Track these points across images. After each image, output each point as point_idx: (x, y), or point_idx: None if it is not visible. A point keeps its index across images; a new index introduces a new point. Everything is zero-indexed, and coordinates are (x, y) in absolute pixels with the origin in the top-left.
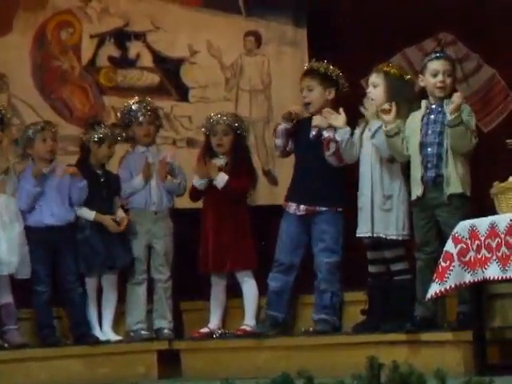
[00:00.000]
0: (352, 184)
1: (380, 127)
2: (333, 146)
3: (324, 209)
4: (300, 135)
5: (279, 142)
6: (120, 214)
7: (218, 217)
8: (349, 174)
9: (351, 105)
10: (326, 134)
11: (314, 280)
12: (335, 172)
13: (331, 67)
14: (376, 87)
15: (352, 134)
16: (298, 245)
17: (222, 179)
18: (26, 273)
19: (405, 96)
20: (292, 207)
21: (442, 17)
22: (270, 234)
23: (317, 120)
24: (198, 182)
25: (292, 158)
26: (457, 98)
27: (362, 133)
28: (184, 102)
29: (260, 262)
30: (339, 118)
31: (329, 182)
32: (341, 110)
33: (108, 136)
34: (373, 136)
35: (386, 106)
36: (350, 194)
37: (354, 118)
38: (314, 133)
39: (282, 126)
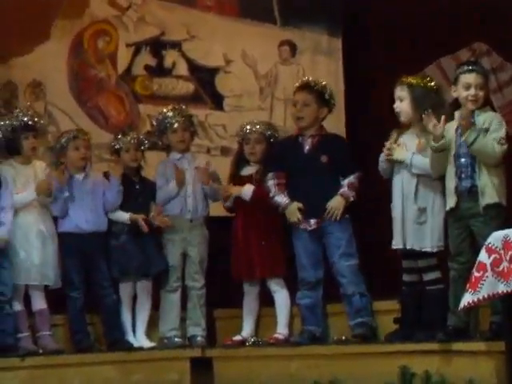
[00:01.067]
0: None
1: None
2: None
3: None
4: (291, 156)
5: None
6: (157, 214)
7: (248, 224)
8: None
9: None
10: None
11: (339, 288)
12: (335, 182)
13: (327, 86)
14: (402, 101)
15: None
16: (318, 259)
17: (247, 191)
18: (58, 282)
19: (432, 105)
20: (302, 224)
21: (477, 26)
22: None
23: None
24: (225, 203)
25: None
26: (460, 120)
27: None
28: (218, 110)
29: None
30: (437, 127)
31: (331, 192)
32: (443, 118)
33: (130, 144)
34: (410, 165)
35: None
36: (382, 206)
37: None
38: (307, 147)
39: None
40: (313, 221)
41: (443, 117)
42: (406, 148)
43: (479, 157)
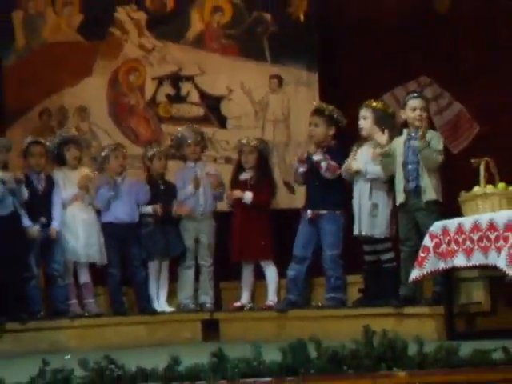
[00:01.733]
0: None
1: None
2: (323, 166)
3: (325, 212)
4: (309, 164)
5: (300, 180)
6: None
7: (244, 218)
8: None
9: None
10: (314, 158)
11: None
12: (333, 184)
13: (336, 109)
14: (365, 119)
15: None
16: (309, 241)
17: (248, 197)
18: (104, 260)
19: (388, 124)
20: (305, 213)
21: (422, 63)
22: (288, 231)
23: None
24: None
25: None
26: (424, 130)
27: (354, 156)
28: (223, 129)
29: (280, 253)
30: (383, 137)
31: (328, 191)
32: (386, 131)
33: (162, 153)
34: (366, 173)
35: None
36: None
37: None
38: (315, 158)
39: (300, 170)
40: (309, 212)
41: (386, 130)
42: (363, 157)
43: (425, 162)
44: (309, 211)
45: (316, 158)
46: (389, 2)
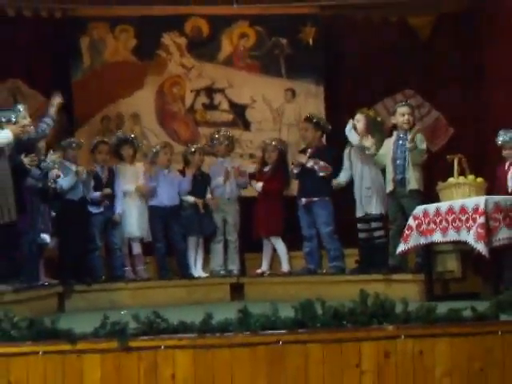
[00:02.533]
0: None
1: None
2: (317, 168)
3: (316, 199)
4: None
5: (294, 177)
6: (209, 198)
7: (263, 203)
8: None
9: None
10: (308, 165)
11: None
12: (321, 179)
13: (322, 118)
14: (358, 122)
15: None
16: (310, 223)
17: (258, 187)
18: (150, 237)
19: (376, 129)
20: (300, 201)
21: (407, 79)
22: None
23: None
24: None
25: None
26: (413, 135)
27: (348, 156)
28: (247, 131)
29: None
30: (368, 141)
31: (318, 184)
32: (369, 136)
33: (196, 151)
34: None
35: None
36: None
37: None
38: (309, 165)
39: (294, 171)
40: (304, 199)
41: (370, 136)
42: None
43: (413, 160)
44: (303, 199)
45: (309, 164)
46: (381, 31)
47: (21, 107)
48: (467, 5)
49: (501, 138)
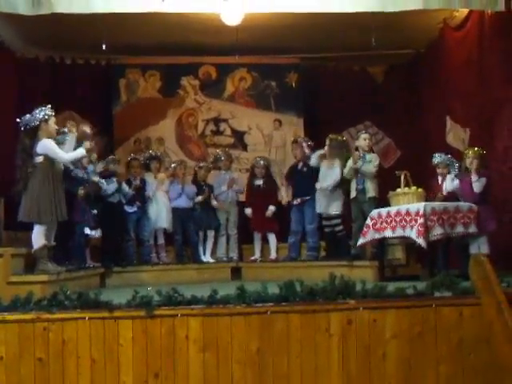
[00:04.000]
0: None
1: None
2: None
3: (307, 198)
4: (295, 171)
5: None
6: (214, 202)
7: (256, 205)
8: None
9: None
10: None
11: None
12: (310, 182)
13: (304, 138)
14: (327, 146)
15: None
16: (299, 220)
17: (248, 212)
18: (171, 228)
19: (342, 150)
20: (295, 201)
21: (366, 113)
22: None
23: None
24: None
25: None
26: (356, 156)
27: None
28: (245, 151)
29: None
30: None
31: (307, 185)
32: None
33: (203, 167)
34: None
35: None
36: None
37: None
38: (299, 167)
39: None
40: (299, 199)
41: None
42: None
43: (364, 173)
44: (298, 199)
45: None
46: (346, 77)
47: (69, 132)
48: (411, 58)
49: (435, 159)
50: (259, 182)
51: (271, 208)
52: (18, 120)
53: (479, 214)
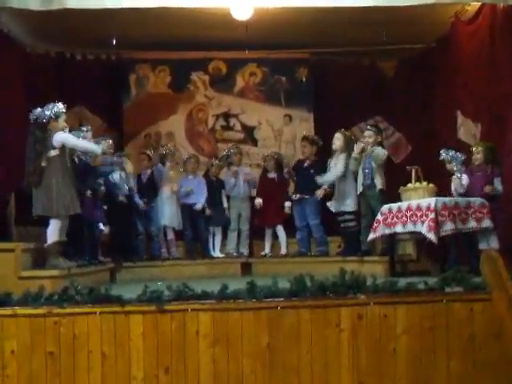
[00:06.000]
0: None
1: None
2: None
3: (307, 196)
4: (299, 167)
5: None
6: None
7: (266, 200)
8: None
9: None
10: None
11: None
12: (312, 180)
13: (315, 136)
14: (338, 140)
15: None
16: (302, 216)
17: (258, 202)
18: (181, 226)
19: (350, 146)
20: (295, 197)
21: (377, 108)
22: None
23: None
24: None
25: None
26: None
27: (328, 164)
28: (255, 147)
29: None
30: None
31: (309, 184)
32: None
33: (215, 163)
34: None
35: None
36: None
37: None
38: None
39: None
40: (298, 195)
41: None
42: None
43: (376, 159)
44: (297, 195)
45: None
46: (356, 71)
47: (86, 128)
48: (422, 53)
49: (441, 156)
50: (272, 175)
51: (287, 204)
52: (29, 113)
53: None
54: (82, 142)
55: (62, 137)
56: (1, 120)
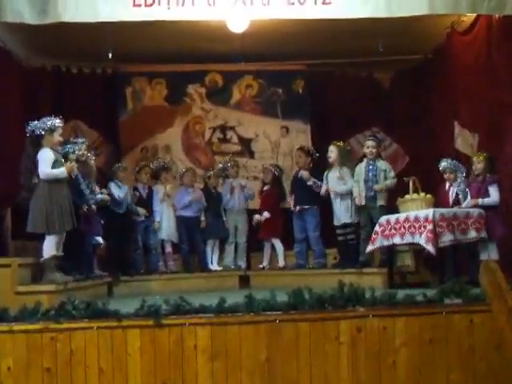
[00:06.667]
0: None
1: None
2: (315, 187)
3: (307, 207)
4: (295, 179)
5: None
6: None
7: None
8: None
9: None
10: (308, 183)
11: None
12: (311, 191)
13: (311, 147)
14: (332, 152)
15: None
16: (302, 228)
17: (265, 214)
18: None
19: (347, 157)
20: (295, 209)
21: (374, 119)
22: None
23: (304, 174)
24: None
25: None
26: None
27: (326, 176)
28: (252, 159)
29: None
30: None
31: (307, 195)
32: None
33: (212, 175)
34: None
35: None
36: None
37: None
38: (302, 176)
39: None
40: (298, 207)
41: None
42: (332, 177)
43: (391, 187)
44: (298, 207)
45: (309, 183)
46: (353, 83)
47: (81, 140)
48: (418, 64)
49: (442, 165)
50: (266, 187)
51: (265, 214)
52: (26, 126)
53: (487, 220)
54: (47, 170)
55: (39, 156)
56: None
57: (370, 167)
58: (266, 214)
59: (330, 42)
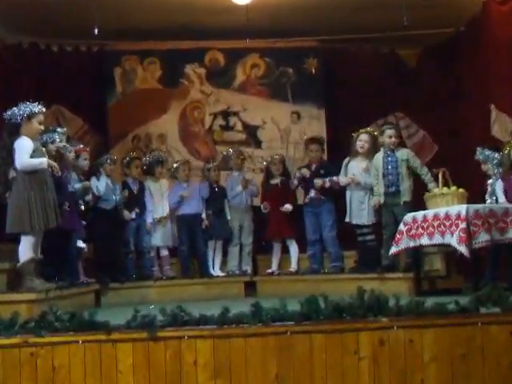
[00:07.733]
0: None
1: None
2: (328, 186)
3: (323, 198)
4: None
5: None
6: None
7: (274, 210)
8: None
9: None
10: (316, 185)
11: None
12: (328, 190)
13: (323, 137)
14: (366, 142)
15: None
16: (315, 228)
17: (287, 208)
18: (175, 243)
19: (375, 146)
20: (308, 208)
21: (397, 102)
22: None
23: (317, 184)
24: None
25: None
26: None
27: (346, 165)
28: (259, 149)
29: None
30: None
31: (326, 193)
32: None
33: (213, 167)
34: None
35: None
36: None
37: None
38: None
39: (295, 182)
40: (313, 194)
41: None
42: (355, 168)
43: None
44: (312, 194)
45: (327, 185)
46: (373, 61)
47: (61, 130)
48: (449, 39)
49: (478, 155)
50: (276, 180)
51: (287, 206)
52: (3, 113)
53: None
54: (25, 160)
55: (16, 145)
56: None
57: (389, 158)
58: (289, 207)
59: (346, 15)
